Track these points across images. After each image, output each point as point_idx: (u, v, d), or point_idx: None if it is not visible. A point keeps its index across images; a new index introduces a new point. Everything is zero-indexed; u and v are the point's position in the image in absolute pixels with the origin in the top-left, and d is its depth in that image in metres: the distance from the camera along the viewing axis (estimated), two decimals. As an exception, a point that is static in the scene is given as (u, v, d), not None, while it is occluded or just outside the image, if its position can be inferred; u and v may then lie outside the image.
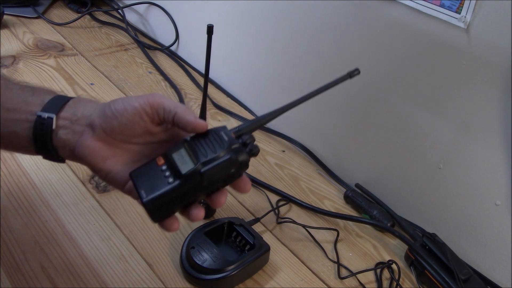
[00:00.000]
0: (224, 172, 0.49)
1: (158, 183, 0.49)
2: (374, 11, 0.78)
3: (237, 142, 0.51)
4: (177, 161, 0.50)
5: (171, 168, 0.50)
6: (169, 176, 0.49)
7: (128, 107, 0.51)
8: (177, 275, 0.68)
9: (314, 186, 0.90)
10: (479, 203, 0.74)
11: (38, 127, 0.52)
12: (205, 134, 0.52)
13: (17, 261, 0.65)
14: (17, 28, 1.23)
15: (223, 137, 0.51)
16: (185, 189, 0.49)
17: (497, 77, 0.67)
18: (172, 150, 0.51)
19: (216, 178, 0.49)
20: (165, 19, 1.27)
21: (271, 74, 1.03)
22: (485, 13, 0.65)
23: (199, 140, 0.51)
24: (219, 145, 0.50)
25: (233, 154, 0.50)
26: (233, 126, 0.53)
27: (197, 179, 0.48)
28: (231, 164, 0.49)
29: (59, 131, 0.52)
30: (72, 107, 0.53)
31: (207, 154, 0.49)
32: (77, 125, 0.52)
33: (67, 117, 0.52)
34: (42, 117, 0.52)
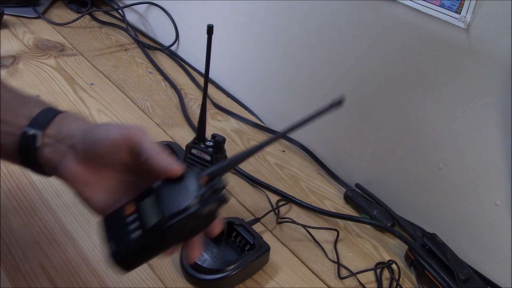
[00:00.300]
0: (190, 225, 0.48)
1: (125, 235, 0.48)
2: (374, 11, 0.78)
3: (206, 191, 0.48)
4: (143, 212, 0.49)
5: (138, 219, 0.48)
6: (135, 229, 0.48)
7: (109, 137, 0.51)
8: (177, 275, 0.68)
9: (314, 186, 0.90)
10: (479, 203, 0.74)
11: (24, 143, 0.52)
12: (175, 180, 0.49)
13: (17, 261, 0.65)
14: (17, 28, 1.23)
15: (191, 186, 0.48)
16: (151, 243, 0.47)
17: (497, 77, 0.67)
18: (140, 199, 0.50)
19: (182, 231, 0.48)
20: (165, 19, 1.27)
21: (271, 74, 1.03)
22: (485, 13, 0.65)
23: (168, 187, 0.49)
24: (186, 195, 0.48)
25: (200, 206, 0.47)
26: (233, 127, 0.53)
27: (162, 233, 0.47)
28: (197, 217, 0.47)
29: (44, 148, 0.52)
30: (58, 125, 0.53)
31: (173, 206, 0.47)
32: (61, 145, 0.52)
33: (52, 135, 0.52)
34: (27, 134, 0.52)
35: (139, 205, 0.50)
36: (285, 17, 0.94)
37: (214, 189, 0.49)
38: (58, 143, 0.52)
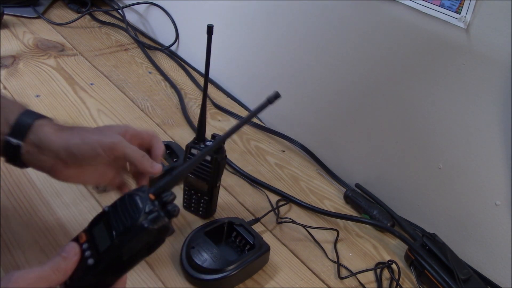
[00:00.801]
0: (142, 243, 0.48)
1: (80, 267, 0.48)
2: (374, 11, 0.78)
3: (153, 207, 0.48)
4: (96, 237, 0.50)
5: (92, 245, 0.49)
6: (89, 257, 0.49)
7: (93, 153, 0.57)
8: (177, 275, 0.68)
9: (314, 186, 0.90)
10: (479, 203, 0.74)
11: (9, 150, 0.57)
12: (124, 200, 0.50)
13: (17, 261, 0.65)
14: (17, 28, 1.23)
15: (138, 204, 0.49)
16: (107, 268, 0.48)
17: (497, 77, 0.67)
18: (93, 223, 0.51)
19: (136, 250, 0.48)
20: (165, 19, 1.27)
21: (271, 74, 1.03)
22: (485, 13, 0.65)
23: (118, 209, 0.50)
24: (135, 213, 0.48)
25: (149, 223, 0.47)
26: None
27: (116, 255, 0.47)
28: (147, 234, 0.47)
29: (30, 156, 0.57)
30: (36, 136, 0.57)
31: (122, 227, 0.48)
32: (44, 157, 0.57)
33: (34, 144, 0.57)
34: (10, 143, 0.56)
35: (91, 232, 0.50)
36: (285, 17, 0.94)
37: (163, 202, 0.49)
38: (41, 154, 0.57)
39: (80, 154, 0.56)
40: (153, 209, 0.48)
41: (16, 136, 0.56)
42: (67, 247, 0.49)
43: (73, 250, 0.49)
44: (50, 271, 0.47)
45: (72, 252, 0.49)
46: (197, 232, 0.70)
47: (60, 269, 0.48)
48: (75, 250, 0.49)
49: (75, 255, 0.49)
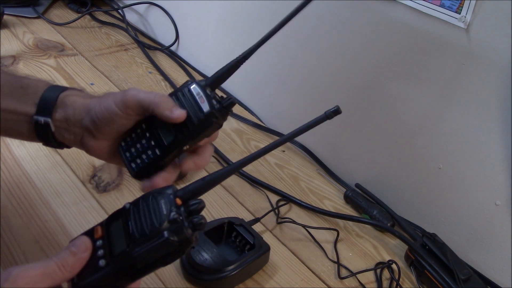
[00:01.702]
0: (160, 254, 0.44)
1: (91, 265, 0.45)
2: (374, 11, 0.78)
3: (177, 215, 0.44)
4: (112, 235, 0.46)
5: (107, 244, 0.46)
6: (101, 257, 0.45)
7: (112, 114, 0.53)
8: (177, 275, 0.68)
9: (314, 186, 0.90)
10: (479, 203, 0.74)
11: (40, 130, 0.54)
12: (147, 200, 0.47)
13: (17, 261, 0.65)
14: (17, 28, 1.23)
15: (162, 209, 0.45)
16: (119, 273, 0.44)
17: (497, 77, 0.67)
18: (112, 218, 0.48)
19: (151, 260, 0.44)
20: (165, 19, 1.27)
21: (271, 74, 1.03)
22: (485, 13, 0.65)
23: (139, 209, 0.46)
24: (156, 220, 0.44)
25: (170, 234, 0.43)
26: (233, 127, 0.53)
27: (129, 262, 0.44)
28: (167, 245, 0.44)
29: (60, 131, 0.55)
30: (63, 108, 0.55)
31: (141, 232, 0.44)
32: (74, 128, 0.55)
33: (62, 119, 0.55)
34: (39, 122, 0.54)
35: (108, 229, 0.47)
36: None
37: (189, 211, 0.46)
38: (70, 126, 0.55)
39: (97, 118, 0.53)
40: (177, 218, 0.44)
41: (43, 113, 0.54)
42: (77, 241, 0.46)
43: (84, 245, 0.45)
44: (55, 266, 0.43)
45: (83, 247, 0.45)
46: (197, 232, 0.70)
47: (67, 265, 0.44)
48: (86, 245, 0.46)
49: (85, 251, 0.45)
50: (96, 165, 0.84)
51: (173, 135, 0.53)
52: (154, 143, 0.54)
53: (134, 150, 0.55)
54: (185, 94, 0.53)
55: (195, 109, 0.52)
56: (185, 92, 0.53)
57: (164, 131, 0.53)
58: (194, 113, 0.52)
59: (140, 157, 0.54)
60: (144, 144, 0.54)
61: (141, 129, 0.55)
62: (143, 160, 0.54)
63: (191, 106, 0.53)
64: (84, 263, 0.45)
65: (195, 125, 0.52)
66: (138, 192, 0.79)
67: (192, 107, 0.53)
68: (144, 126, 0.54)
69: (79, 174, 0.81)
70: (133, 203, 0.48)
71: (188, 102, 0.53)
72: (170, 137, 0.53)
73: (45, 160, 0.82)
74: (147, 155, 0.54)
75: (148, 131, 0.54)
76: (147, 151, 0.54)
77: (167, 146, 0.53)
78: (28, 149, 0.84)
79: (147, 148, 0.54)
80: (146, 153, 0.54)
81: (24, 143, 0.84)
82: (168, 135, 0.53)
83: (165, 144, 0.53)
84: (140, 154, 0.55)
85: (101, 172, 0.82)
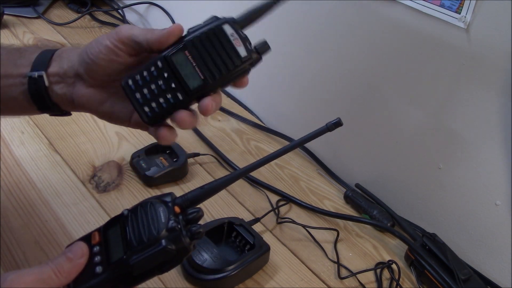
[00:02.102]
0: (157, 262, 0.44)
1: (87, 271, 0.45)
2: (374, 12, 0.78)
3: (176, 224, 0.44)
4: (109, 242, 0.46)
5: (104, 250, 0.45)
6: (98, 263, 0.45)
7: (101, 47, 0.50)
8: (177, 275, 0.68)
9: (314, 186, 0.90)
10: (479, 203, 0.74)
11: (33, 88, 0.53)
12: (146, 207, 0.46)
13: (17, 261, 0.65)
14: (17, 28, 1.22)
15: (160, 217, 0.44)
16: (113, 281, 0.44)
17: (497, 77, 0.67)
18: (109, 224, 0.47)
19: (148, 268, 0.44)
20: (165, 19, 1.27)
21: (271, 74, 1.03)
22: (485, 13, 0.65)
23: (137, 216, 0.46)
24: (154, 228, 0.44)
25: (168, 243, 0.43)
26: (233, 127, 0.53)
27: (126, 270, 0.44)
28: (164, 254, 0.43)
29: (54, 87, 0.53)
30: (58, 61, 0.53)
31: (139, 240, 0.44)
32: (67, 78, 0.53)
33: (56, 72, 0.53)
34: (32, 77, 0.52)
35: (106, 235, 0.47)
36: (284, 17, 0.94)
37: (188, 219, 0.45)
38: (63, 78, 0.53)
39: (88, 55, 0.51)
40: (175, 227, 0.44)
41: (38, 69, 0.52)
42: (74, 247, 0.45)
43: (80, 251, 0.45)
44: (51, 272, 0.43)
45: (79, 253, 0.45)
46: (197, 232, 0.70)
47: (63, 271, 0.44)
48: (83, 251, 0.45)
49: (81, 257, 0.45)
50: (96, 165, 0.84)
51: (200, 79, 0.47)
52: (175, 85, 0.48)
53: (147, 92, 0.49)
54: (216, 33, 0.48)
55: (230, 53, 0.48)
56: (217, 31, 0.48)
57: (189, 73, 0.48)
58: (228, 56, 0.48)
59: (155, 101, 0.49)
60: (162, 85, 0.48)
61: (156, 67, 0.49)
62: (159, 105, 0.49)
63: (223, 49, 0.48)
64: (81, 269, 0.45)
65: (230, 70, 0.48)
66: (138, 192, 0.79)
67: (225, 50, 0.48)
68: (160, 64, 0.48)
69: (79, 174, 0.81)
70: (131, 210, 0.47)
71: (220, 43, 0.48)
72: (196, 81, 0.47)
73: (45, 160, 0.82)
74: (166, 99, 0.49)
75: (166, 70, 0.48)
76: (166, 94, 0.48)
77: (192, 90, 0.48)
78: (28, 149, 0.84)
79: (166, 90, 0.48)
80: (164, 97, 0.48)
81: (24, 143, 0.84)
82: (194, 78, 0.48)
83: (190, 88, 0.48)
84: (155, 97, 0.49)
85: (101, 172, 0.82)
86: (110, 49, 0.50)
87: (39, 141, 0.86)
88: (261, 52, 0.50)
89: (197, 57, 0.48)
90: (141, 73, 0.49)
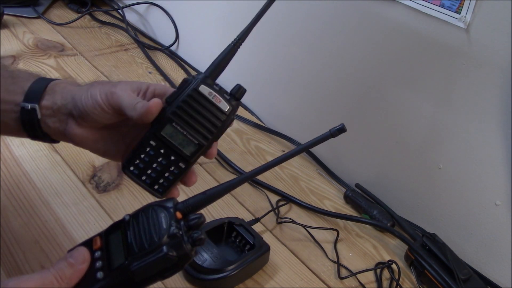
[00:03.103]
0: (158, 269, 0.44)
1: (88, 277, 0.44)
2: (374, 12, 0.78)
3: (177, 230, 0.44)
4: (111, 247, 0.46)
5: (105, 255, 0.45)
6: (99, 269, 0.45)
7: (95, 103, 0.52)
8: (177, 275, 0.68)
9: (314, 186, 0.90)
10: (479, 203, 0.74)
11: (25, 118, 0.53)
12: (147, 212, 0.46)
13: (17, 261, 0.65)
14: (17, 28, 1.22)
15: (162, 223, 0.44)
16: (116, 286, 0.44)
17: (497, 77, 0.67)
18: (111, 229, 0.47)
19: (149, 274, 0.44)
20: (165, 19, 1.27)
21: (271, 74, 1.03)
22: (485, 13, 0.65)
23: (139, 221, 0.46)
24: (156, 234, 0.44)
25: (169, 249, 0.43)
26: (233, 127, 0.53)
27: (127, 276, 0.43)
28: (165, 261, 0.43)
29: (46, 119, 0.54)
30: (51, 95, 0.54)
31: (141, 246, 0.44)
32: (59, 114, 0.54)
33: (49, 106, 0.53)
34: (25, 108, 0.53)
35: (107, 240, 0.47)
36: (285, 17, 0.94)
37: (189, 225, 0.45)
38: (56, 113, 0.53)
39: (82, 104, 0.52)
40: (177, 233, 0.43)
41: (31, 100, 0.53)
42: (75, 253, 0.45)
43: (82, 257, 0.45)
44: (53, 278, 0.43)
45: (81, 259, 0.45)
46: (197, 232, 0.70)
47: (64, 277, 0.43)
48: (84, 257, 0.45)
49: (83, 262, 0.45)
50: (96, 165, 0.84)
51: (195, 144, 0.51)
52: (174, 157, 0.51)
53: (151, 172, 0.52)
54: (195, 98, 0.50)
55: (214, 112, 0.51)
56: (195, 96, 0.50)
57: (182, 141, 0.51)
58: (213, 116, 0.51)
59: (162, 177, 0.52)
60: (162, 161, 0.52)
61: (150, 147, 0.51)
62: (167, 179, 0.52)
63: (207, 110, 0.51)
64: (82, 274, 0.44)
65: (219, 127, 0.51)
66: (138, 192, 0.79)
67: (208, 110, 0.51)
68: (153, 143, 0.51)
69: (79, 174, 0.81)
70: (132, 215, 0.47)
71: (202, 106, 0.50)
72: (191, 146, 0.51)
73: (45, 160, 0.82)
74: (171, 172, 0.52)
75: (161, 146, 0.51)
76: (169, 168, 0.52)
77: (190, 156, 0.51)
78: (28, 149, 0.84)
79: (167, 164, 0.52)
80: (169, 171, 0.52)
81: (24, 143, 0.84)
82: (188, 145, 0.51)
83: (188, 155, 0.51)
84: (161, 174, 0.52)
85: (101, 172, 0.82)
86: (101, 107, 0.52)
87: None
88: (238, 97, 0.52)
89: (185, 125, 0.51)
90: (139, 156, 0.52)
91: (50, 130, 0.54)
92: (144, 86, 0.54)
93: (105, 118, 0.53)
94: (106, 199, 0.78)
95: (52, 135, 0.55)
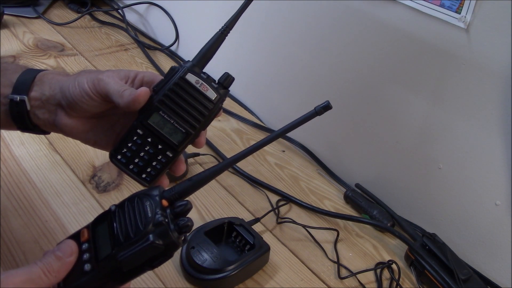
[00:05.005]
0: (145, 258, 0.43)
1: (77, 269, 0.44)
2: (374, 12, 0.78)
3: (163, 218, 0.43)
4: (98, 239, 0.45)
5: (92, 247, 0.45)
6: (87, 261, 0.44)
7: (82, 91, 0.52)
8: (177, 275, 0.68)
9: (314, 186, 0.90)
10: (479, 203, 0.74)
11: (14, 110, 0.53)
12: (133, 201, 0.46)
13: (17, 261, 0.65)
14: (17, 28, 1.22)
15: (147, 211, 0.44)
16: (104, 278, 0.43)
17: (497, 77, 0.67)
18: (97, 221, 0.47)
19: (137, 264, 0.43)
20: (165, 19, 1.27)
21: (271, 74, 1.03)
22: (485, 13, 0.65)
23: (124, 211, 0.45)
24: (141, 223, 0.43)
25: (155, 238, 0.42)
26: (233, 127, 0.53)
27: (115, 267, 0.43)
28: (152, 249, 0.42)
29: (35, 110, 0.54)
30: (40, 86, 0.54)
31: (126, 236, 0.43)
32: (49, 105, 0.54)
33: (37, 97, 0.53)
34: (14, 100, 0.53)
35: (94, 232, 0.46)
36: (285, 17, 0.94)
37: (175, 213, 0.45)
38: (45, 104, 0.53)
39: (70, 93, 0.52)
40: (162, 221, 0.43)
41: (19, 92, 0.53)
42: (63, 246, 0.45)
43: (69, 249, 0.44)
44: (40, 272, 0.42)
45: (68, 252, 0.44)
46: (197, 232, 0.70)
47: (52, 270, 0.43)
48: (72, 249, 0.45)
49: (70, 255, 0.44)
50: (96, 165, 0.84)
51: (182, 132, 0.51)
52: (161, 146, 0.51)
53: (138, 160, 0.52)
54: (182, 86, 0.50)
55: (201, 100, 0.51)
56: (181, 84, 0.50)
57: (169, 130, 0.51)
58: (200, 104, 0.51)
59: (150, 165, 0.52)
60: (150, 150, 0.52)
61: (138, 136, 0.52)
62: (154, 167, 0.52)
63: (194, 98, 0.50)
64: (70, 267, 0.44)
65: (206, 115, 0.51)
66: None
67: (195, 98, 0.50)
68: (140, 131, 0.51)
69: (79, 174, 0.81)
70: (118, 205, 0.47)
71: (189, 94, 0.50)
72: (179, 135, 0.51)
73: (45, 160, 0.82)
74: (159, 161, 0.52)
75: (149, 135, 0.51)
76: (157, 156, 0.52)
77: (178, 145, 0.51)
78: (28, 149, 0.84)
79: (155, 153, 0.52)
80: (157, 159, 0.52)
81: (24, 143, 0.84)
82: (176, 133, 0.51)
83: (176, 143, 0.51)
84: (148, 162, 0.52)
85: (101, 172, 0.83)
86: (89, 95, 0.52)
87: (39, 141, 0.86)
88: (226, 85, 0.52)
89: (172, 113, 0.51)
90: (126, 145, 0.52)
91: (40, 122, 0.54)
92: (132, 74, 0.54)
93: (93, 106, 0.52)
94: (106, 199, 0.78)
95: (42, 127, 0.55)
